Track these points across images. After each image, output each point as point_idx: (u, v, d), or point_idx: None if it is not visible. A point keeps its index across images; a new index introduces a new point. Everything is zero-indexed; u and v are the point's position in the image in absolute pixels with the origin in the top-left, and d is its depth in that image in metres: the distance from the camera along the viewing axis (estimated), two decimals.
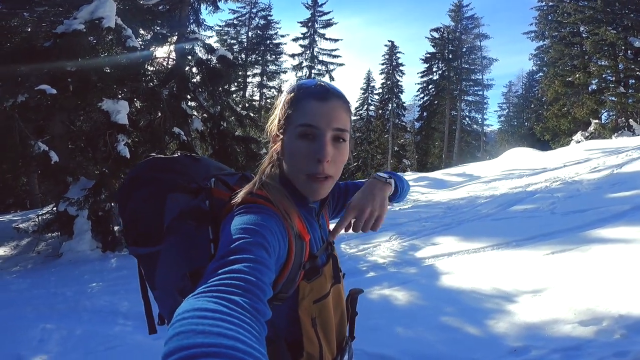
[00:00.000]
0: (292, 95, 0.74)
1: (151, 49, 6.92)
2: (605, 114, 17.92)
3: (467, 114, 29.89)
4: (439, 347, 2.32)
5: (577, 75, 17.59)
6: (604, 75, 17.15)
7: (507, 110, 32.23)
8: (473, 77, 29.14)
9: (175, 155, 0.87)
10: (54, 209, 6.28)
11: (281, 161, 0.77)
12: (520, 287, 3.01)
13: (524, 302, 2.76)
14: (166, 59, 8.13)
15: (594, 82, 17.80)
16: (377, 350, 2.31)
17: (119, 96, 5.79)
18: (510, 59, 68.24)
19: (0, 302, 3.90)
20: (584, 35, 18.09)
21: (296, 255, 0.68)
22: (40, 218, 6.70)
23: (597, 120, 17.02)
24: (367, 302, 3.10)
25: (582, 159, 9.17)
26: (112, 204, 6.03)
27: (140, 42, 6.52)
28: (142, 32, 6.94)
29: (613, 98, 16.08)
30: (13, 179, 10.72)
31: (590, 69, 17.41)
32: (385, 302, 3.11)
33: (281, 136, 0.74)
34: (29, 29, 5.80)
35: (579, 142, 15.29)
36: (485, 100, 29.48)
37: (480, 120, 30.02)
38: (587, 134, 16.63)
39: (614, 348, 2.06)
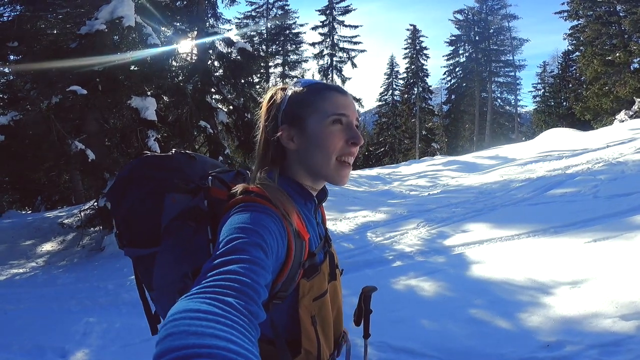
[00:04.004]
0: (305, 88, 0.76)
1: (173, 45, 7.07)
2: None
3: (499, 95, 28.90)
4: (465, 341, 2.23)
5: (618, 54, 16.88)
6: None
7: (542, 90, 30.53)
8: (503, 58, 28.22)
9: (170, 153, 0.87)
10: (95, 204, 6.62)
11: (284, 157, 0.77)
12: (557, 277, 2.84)
13: (560, 294, 2.60)
14: (189, 54, 8.28)
15: (635, 60, 17.05)
16: (401, 344, 2.26)
17: (147, 93, 5.96)
18: (542, 39, 64.51)
19: (48, 296, 4.10)
20: (621, 14, 17.37)
21: (296, 254, 0.68)
22: (83, 213, 7.09)
23: None
24: (393, 293, 3.05)
25: (626, 138, 8.51)
26: None
27: (163, 38, 6.66)
28: (163, 28, 7.08)
29: None
30: (57, 176, 11.46)
31: (631, 48, 16.59)
32: (411, 293, 3.04)
33: (294, 127, 0.75)
34: (55, 31, 6.05)
35: (623, 121, 14.38)
36: (517, 81, 28.49)
37: (513, 101, 28.83)
38: (631, 113, 15.56)
39: None
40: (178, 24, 7.42)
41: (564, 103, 26.44)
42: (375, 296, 0.95)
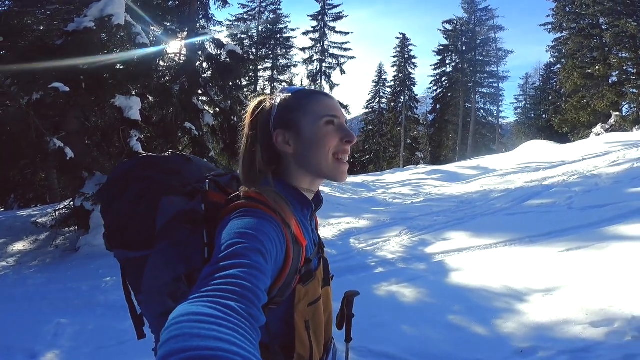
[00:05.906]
0: (293, 94, 0.79)
1: (162, 45, 6.98)
2: (627, 106, 17.45)
3: (482, 106, 29.45)
4: (444, 347, 2.28)
5: (597, 67, 17.26)
6: (624, 68, 16.87)
7: (523, 102, 31.46)
8: (488, 69, 28.70)
9: (167, 155, 0.84)
10: (71, 203, 6.43)
11: (277, 161, 0.78)
12: (531, 285, 2.93)
13: (534, 302, 2.69)
14: (177, 55, 8.20)
15: (614, 74, 17.47)
16: (381, 349, 2.29)
17: (132, 92, 5.86)
18: (526, 50, 66.72)
19: (18, 296, 3.96)
20: (603, 27, 17.77)
21: (294, 260, 0.69)
22: (57, 213, 6.86)
23: (617, 113, 16.57)
24: (374, 299, 3.09)
25: (601, 152, 8.85)
26: None
27: (152, 38, 6.59)
28: (152, 28, 7.01)
29: (634, 90, 15.89)
30: (32, 174, 11.08)
31: (611, 61, 17.05)
32: (392, 299, 3.09)
33: (289, 131, 0.76)
34: (42, 27, 5.90)
35: (599, 134, 14.90)
36: (500, 93, 29.07)
37: (495, 112, 29.53)
38: (607, 127, 16.16)
39: (624, 350, 1.98)
40: (169, 24, 7.35)
41: (544, 115, 27.28)
42: (356, 301, 0.97)
